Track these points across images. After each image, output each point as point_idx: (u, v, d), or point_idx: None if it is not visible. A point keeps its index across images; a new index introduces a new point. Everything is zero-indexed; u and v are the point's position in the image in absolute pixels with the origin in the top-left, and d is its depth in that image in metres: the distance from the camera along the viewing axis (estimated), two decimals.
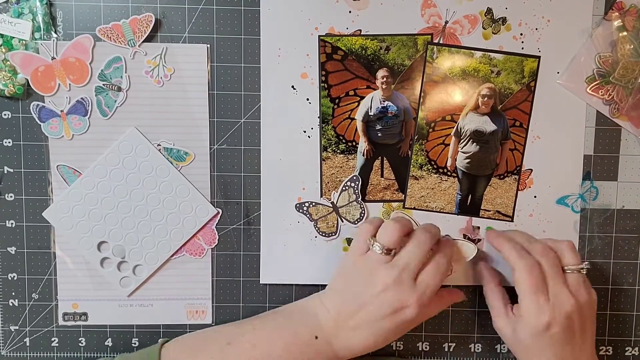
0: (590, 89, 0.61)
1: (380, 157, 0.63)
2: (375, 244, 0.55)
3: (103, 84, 0.60)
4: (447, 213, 0.63)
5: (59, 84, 0.60)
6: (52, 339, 0.64)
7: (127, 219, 0.62)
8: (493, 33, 0.61)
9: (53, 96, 0.60)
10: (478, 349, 0.65)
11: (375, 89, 0.61)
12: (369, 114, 0.62)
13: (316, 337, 0.55)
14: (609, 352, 0.65)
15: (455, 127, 0.62)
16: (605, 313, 0.65)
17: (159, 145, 0.61)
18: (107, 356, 0.64)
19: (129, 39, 0.59)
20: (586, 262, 0.58)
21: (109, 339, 0.64)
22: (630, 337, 0.65)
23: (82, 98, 0.60)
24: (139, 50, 0.60)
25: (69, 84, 0.60)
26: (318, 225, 0.63)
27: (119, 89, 0.60)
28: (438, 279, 0.55)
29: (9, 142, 0.61)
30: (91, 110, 0.61)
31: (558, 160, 0.62)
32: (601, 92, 0.61)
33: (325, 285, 0.62)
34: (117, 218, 0.62)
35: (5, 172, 0.61)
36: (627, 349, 0.65)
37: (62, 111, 0.60)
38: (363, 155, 0.62)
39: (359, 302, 0.54)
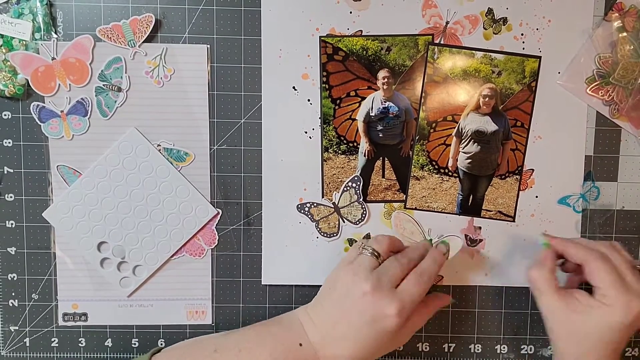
0: (590, 90, 0.61)
1: (381, 158, 0.63)
2: (365, 248, 0.55)
3: (103, 85, 0.60)
4: (449, 213, 0.63)
5: (59, 84, 0.60)
6: (52, 340, 0.64)
7: (127, 220, 0.62)
8: (494, 33, 0.61)
9: (53, 96, 0.60)
10: (478, 350, 0.65)
11: (376, 90, 0.61)
12: (370, 114, 0.62)
13: (300, 344, 0.54)
14: None
15: (456, 128, 0.62)
16: None
17: (159, 145, 0.61)
18: (107, 356, 0.64)
19: (129, 39, 0.59)
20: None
21: (109, 340, 0.64)
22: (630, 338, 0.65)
23: (82, 98, 0.60)
24: (139, 50, 0.60)
25: (69, 85, 0.60)
26: (319, 226, 0.63)
27: (119, 90, 0.60)
28: (420, 287, 0.53)
29: (9, 143, 0.61)
30: (91, 110, 0.60)
31: (559, 160, 0.62)
32: (601, 92, 0.61)
33: None
34: (117, 218, 0.62)
35: (5, 172, 0.61)
36: (626, 349, 0.65)
37: (62, 111, 0.60)
38: (364, 155, 0.62)
39: (341, 310, 0.53)
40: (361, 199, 0.63)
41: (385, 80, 0.61)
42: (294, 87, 0.61)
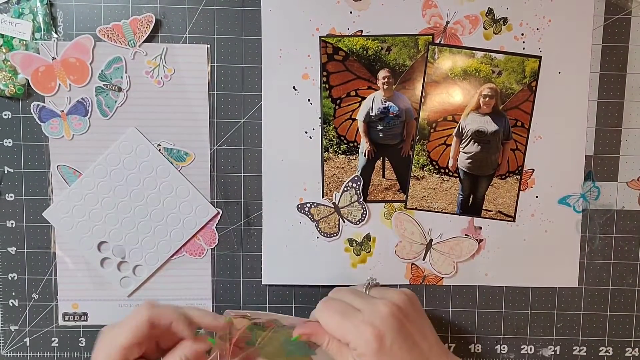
0: None
1: (381, 158, 0.62)
2: None
3: (103, 84, 0.60)
4: (449, 213, 0.63)
5: (59, 84, 0.60)
6: (52, 339, 0.64)
7: (127, 219, 0.62)
8: (494, 33, 0.61)
9: (53, 96, 0.60)
10: (478, 350, 0.65)
11: (376, 90, 0.61)
12: (371, 114, 0.62)
13: None
14: (609, 352, 0.65)
15: (456, 128, 0.62)
16: (605, 314, 0.65)
17: (159, 145, 0.61)
18: None
19: (130, 39, 0.59)
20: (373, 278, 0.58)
21: None
22: (630, 338, 0.65)
23: (82, 98, 0.60)
24: (139, 50, 0.60)
25: (69, 84, 0.60)
26: (319, 226, 0.63)
27: (119, 89, 0.60)
28: None
29: (9, 142, 0.61)
30: (91, 110, 0.60)
31: (560, 160, 0.62)
32: None
33: (326, 286, 0.62)
34: (117, 218, 0.62)
35: (6, 172, 0.61)
36: (627, 349, 0.65)
37: (62, 111, 0.60)
38: (364, 155, 0.62)
39: None
40: (361, 199, 0.62)
41: (386, 80, 0.61)
42: (294, 87, 0.61)
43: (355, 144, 0.62)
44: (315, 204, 0.63)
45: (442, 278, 0.64)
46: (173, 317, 0.52)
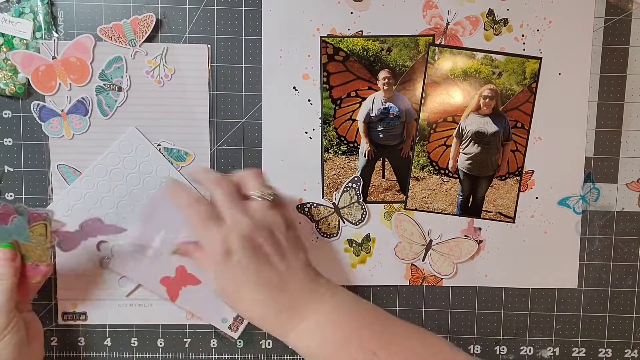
0: None
1: (381, 158, 0.62)
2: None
3: (104, 84, 0.60)
4: (449, 214, 0.63)
5: (60, 83, 0.60)
6: (52, 339, 0.64)
7: (127, 219, 0.62)
8: (494, 34, 0.61)
9: (54, 95, 0.60)
10: (477, 350, 0.65)
11: (376, 90, 0.61)
12: (371, 115, 0.62)
13: None
14: (609, 354, 0.65)
15: (456, 129, 0.62)
16: (604, 315, 0.65)
17: (159, 145, 0.61)
18: (106, 356, 0.64)
19: (130, 38, 0.59)
20: (272, 189, 0.54)
21: (108, 339, 0.64)
22: (629, 340, 0.65)
23: (82, 97, 0.60)
24: (139, 50, 0.60)
25: (70, 84, 0.60)
26: (319, 226, 0.63)
27: (120, 89, 0.60)
28: None
29: (10, 142, 0.61)
30: (92, 109, 0.60)
31: (559, 162, 0.62)
32: None
33: None
34: (117, 217, 0.62)
35: (6, 171, 0.61)
36: (626, 351, 0.65)
37: (62, 111, 0.60)
38: (364, 156, 0.62)
39: None
40: (361, 200, 0.62)
41: (386, 80, 0.61)
42: (294, 88, 0.61)
43: (355, 144, 0.62)
44: (315, 205, 0.63)
45: (442, 279, 0.64)
46: None
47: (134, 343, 0.64)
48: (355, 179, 0.62)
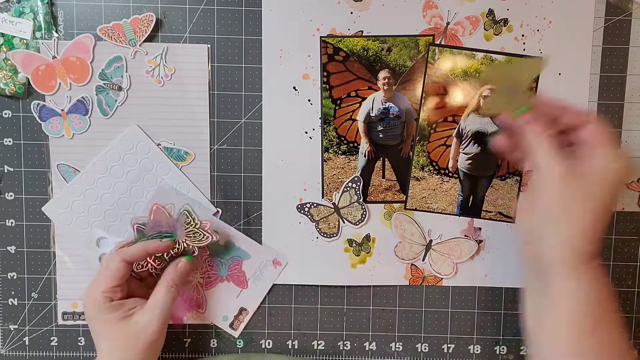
0: None
1: (381, 158, 0.63)
2: None
3: (104, 83, 0.60)
4: (449, 214, 0.63)
5: (60, 83, 0.60)
6: (52, 338, 0.64)
7: (126, 216, 0.62)
8: (495, 34, 0.61)
9: (54, 95, 0.60)
10: (477, 350, 0.65)
11: (376, 90, 0.61)
12: (371, 115, 0.62)
13: None
14: None
15: (456, 129, 0.62)
16: None
17: (159, 144, 0.61)
18: None
19: (130, 38, 0.59)
20: None
21: None
22: (629, 340, 0.65)
23: (82, 97, 0.60)
24: (139, 49, 0.60)
25: (70, 83, 0.60)
26: (319, 226, 0.63)
27: (120, 89, 0.60)
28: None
29: (10, 141, 0.61)
30: (92, 109, 0.60)
31: None
32: None
33: (326, 286, 0.62)
34: (117, 214, 0.62)
35: (6, 171, 0.61)
36: None
37: (62, 110, 0.60)
38: (364, 156, 0.62)
39: None
40: (361, 200, 0.62)
41: (386, 80, 0.61)
42: (294, 87, 0.61)
43: (355, 144, 0.62)
44: (315, 204, 0.63)
45: (442, 279, 0.64)
46: (142, 248, 0.56)
47: None
48: (355, 179, 0.62)
